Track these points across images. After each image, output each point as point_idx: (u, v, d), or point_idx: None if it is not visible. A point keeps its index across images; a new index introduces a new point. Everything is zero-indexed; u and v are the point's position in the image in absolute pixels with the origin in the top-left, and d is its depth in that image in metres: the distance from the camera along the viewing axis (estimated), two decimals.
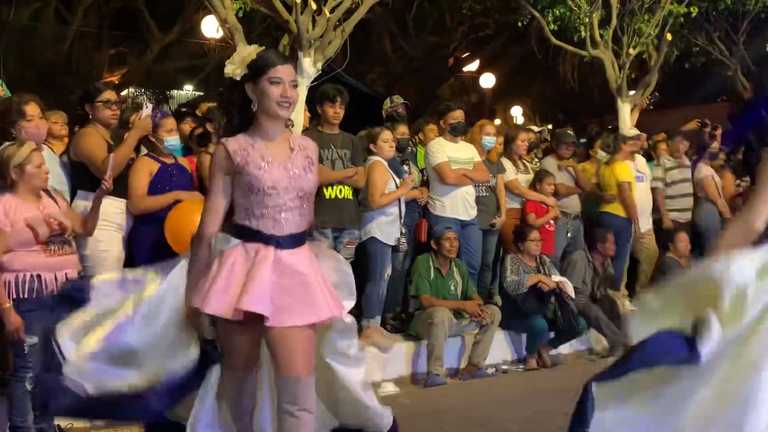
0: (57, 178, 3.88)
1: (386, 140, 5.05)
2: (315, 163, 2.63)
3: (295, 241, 2.55)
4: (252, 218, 2.52)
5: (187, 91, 17.52)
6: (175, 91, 17.50)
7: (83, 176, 4.02)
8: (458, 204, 5.50)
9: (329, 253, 2.85)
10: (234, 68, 2.53)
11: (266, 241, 2.50)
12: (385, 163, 5.11)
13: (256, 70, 2.51)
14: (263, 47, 2.62)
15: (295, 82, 2.56)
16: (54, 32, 13.36)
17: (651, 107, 8.64)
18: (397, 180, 5.17)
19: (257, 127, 2.56)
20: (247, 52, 2.55)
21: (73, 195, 4.07)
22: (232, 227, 2.57)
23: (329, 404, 2.76)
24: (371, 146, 5.11)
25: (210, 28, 10.65)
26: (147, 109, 4.10)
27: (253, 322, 2.48)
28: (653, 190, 6.75)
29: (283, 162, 2.54)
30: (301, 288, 2.50)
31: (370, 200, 5.01)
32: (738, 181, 7.03)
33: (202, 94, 14.66)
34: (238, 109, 2.56)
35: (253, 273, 2.46)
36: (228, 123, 2.60)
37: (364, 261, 5.00)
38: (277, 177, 2.51)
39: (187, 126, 5.36)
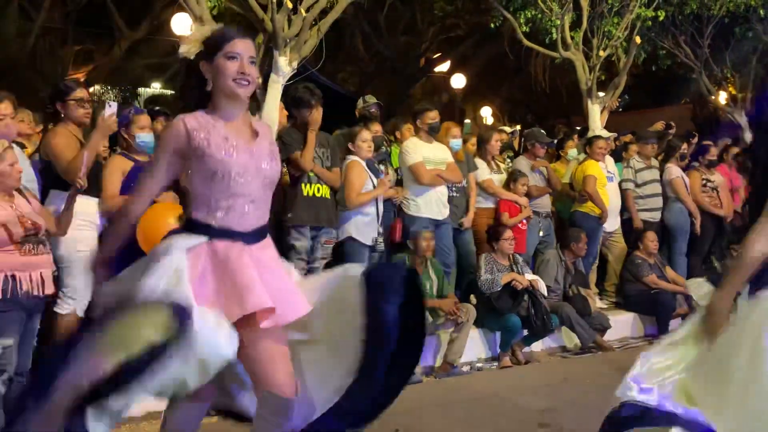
0: (26, 177, 3.81)
1: (365, 140, 5.06)
2: (277, 151, 2.41)
3: (260, 234, 2.33)
4: (217, 212, 2.25)
5: (155, 88, 17.31)
6: (143, 88, 17.27)
7: (56, 176, 3.94)
8: (432, 204, 5.54)
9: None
10: (189, 47, 2.30)
11: (232, 237, 2.25)
12: (363, 163, 5.12)
13: (212, 46, 2.27)
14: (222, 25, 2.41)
15: (254, 58, 2.31)
16: (18, 28, 13.06)
17: (620, 109, 8.81)
18: (375, 180, 5.18)
19: (215, 108, 2.31)
20: (204, 29, 2.34)
21: (44, 194, 4.00)
22: (191, 226, 2.29)
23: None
24: (349, 146, 5.11)
25: (180, 25, 10.50)
26: (110, 108, 3.96)
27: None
28: (624, 191, 6.88)
29: (246, 146, 2.29)
30: (277, 283, 2.28)
31: (346, 200, 5.01)
32: (704, 180, 7.20)
33: (173, 92, 14.50)
34: (194, 91, 2.31)
35: (236, 273, 2.21)
36: (183, 106, 2.34)
37: (341, 261, 5.00)
38: (244, 162, 2.25)
39: (159, 125, 5.30)
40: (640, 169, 6.95)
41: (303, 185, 4.79)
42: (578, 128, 9.26)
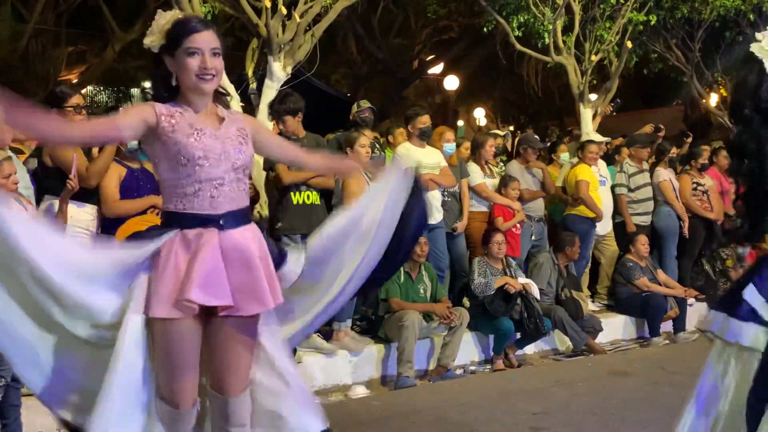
0: (23, 184, 3.82)
1: (363, 145, 5.03)
2: (249, 137, 2.39)
3: (237, 219, 2.31)
4: (185, 199, 2.25)
5: (147, 89, 17.26)
6: (135, 89, 17.24)
7: (57, 182, 3.95)
8: None
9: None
10: (152, 39, 2.26)
11: (205, 223, 2.25)
12: (361, 169, 5.11)
13: (172, 40, 2.24)
14: (183, 13, 2.38)
15: (217, 49, 2.27)
16: (11, 29, 13.03)
17: (613, 113, 8.86)
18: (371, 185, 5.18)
19: (182, 99, 2.32)
20: (165, 19, 2.26)
21: (38, 199, 4.01)
22: (166, 219, 2.32)
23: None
24: (348, 151, 5.10)
25: None
26: None
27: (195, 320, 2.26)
28: (618, 195, 6.93)
29: (213, 131, 2.30)
30: (245, 273, 2.26)
31: (345, 206, 5.00)
32: (695, 184, 7.25)
33: None
34: (162, 81, 2.30)
35: (199, 258, 2.20)
36: (153, 96, 2.33)
37: None
38: (209, 146, 2.25)
39: None
40: (633, 173, 7.00)
41: (292, 194, 4.77)
42: (570, 129, 9.33)
